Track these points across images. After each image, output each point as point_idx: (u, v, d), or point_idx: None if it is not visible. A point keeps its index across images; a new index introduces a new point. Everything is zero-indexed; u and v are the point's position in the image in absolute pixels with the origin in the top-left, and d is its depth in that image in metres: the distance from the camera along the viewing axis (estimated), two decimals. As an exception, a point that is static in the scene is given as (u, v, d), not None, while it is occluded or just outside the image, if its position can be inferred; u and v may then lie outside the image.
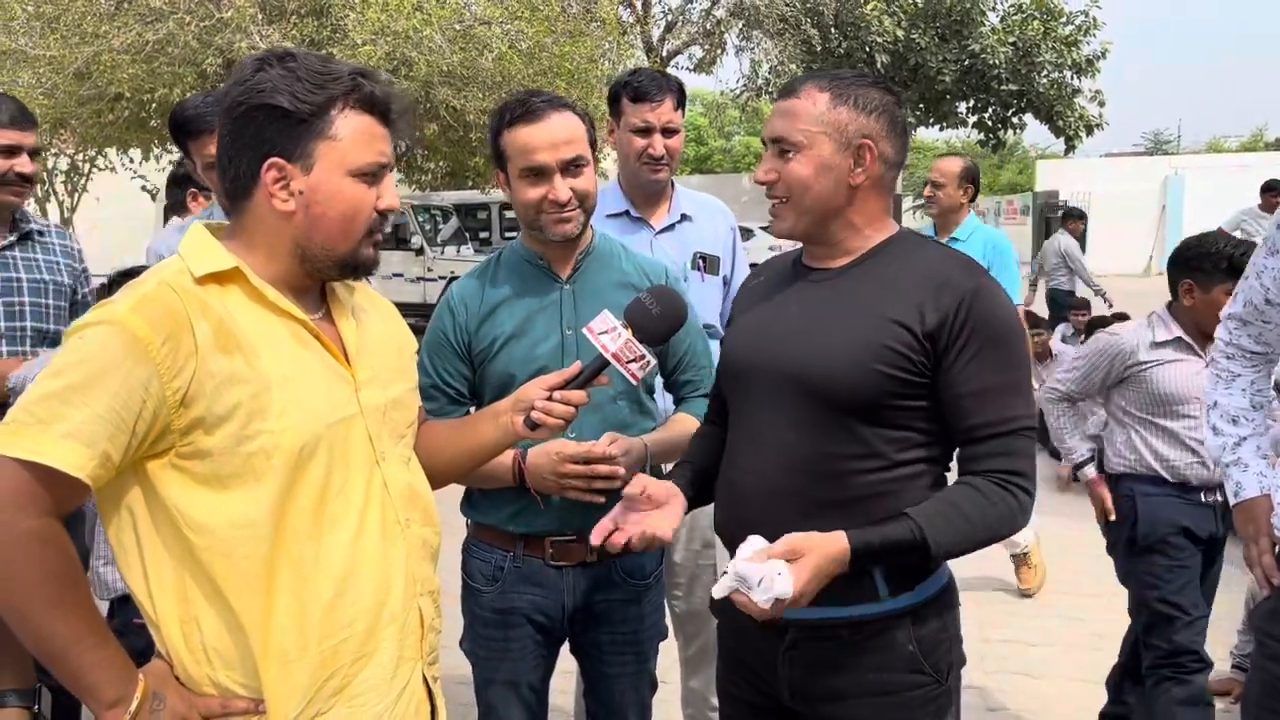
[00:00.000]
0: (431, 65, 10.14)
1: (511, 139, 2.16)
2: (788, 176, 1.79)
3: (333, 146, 1.51)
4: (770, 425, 1.81)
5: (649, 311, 1.86)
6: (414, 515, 1.68)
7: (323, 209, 1.53)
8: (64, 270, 2.95)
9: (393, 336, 1.79)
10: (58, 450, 1.35)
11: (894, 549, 1.67)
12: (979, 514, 1.69)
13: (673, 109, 2.92)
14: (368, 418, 1.61)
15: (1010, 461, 1.72)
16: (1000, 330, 1.74)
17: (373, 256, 1.62)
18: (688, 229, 3.07)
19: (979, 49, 22.79)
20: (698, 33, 22.26)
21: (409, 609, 1.64)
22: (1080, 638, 4.51)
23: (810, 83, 1.80)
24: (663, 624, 2.45)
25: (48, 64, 10.32)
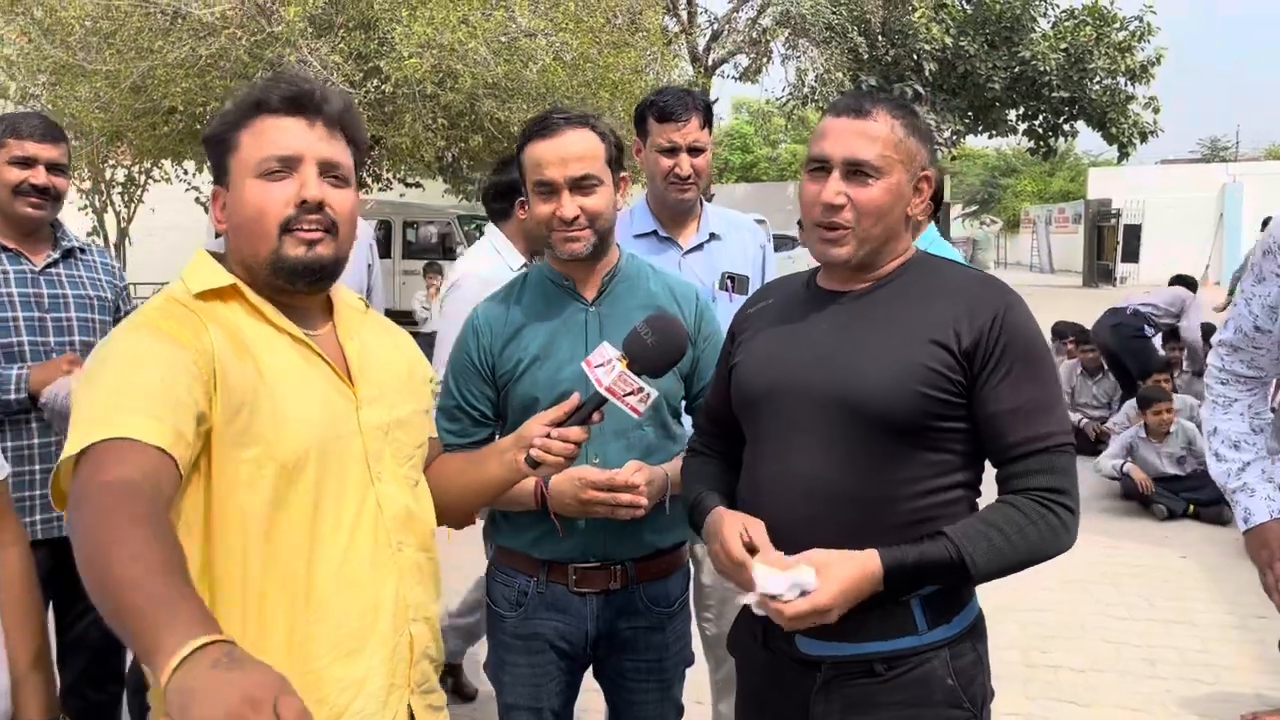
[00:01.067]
0: (476, 77, 10.19)
1: (528, 154, 2.14)
2: (863, 203, 1.73)
3: (238, 158, 1.55)
4: (801, 452, 1.75)
5: (644, 342, 1.81)
6: (408, 539, 1.65)
7: (237, 218, 1.55)
8: (107, 286, 3.00)
9: (402, 358, 1.78)
10: (131, 423, 1.29)
11: (930, 569, 1.63)
12: (1019, 533, 1.64)
13: (699, 128, 2.89)
14: (366, 437, 1.60)
15: (1051, 479, 1.67)
16: (1032, 346, 1.71)
17: (304, 256, 1.54)
18: (716, 248, 3.03)
19: (1029, 55, 22.51)
20: (743, 41, 22.19)
21: (400, 635, 1.62)
22: (1131, 664, 4.38)
23: (881, 107, 1.75)
24: (688, 651, 2.41)
25: (104, 78, 10.54)
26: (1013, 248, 47.39)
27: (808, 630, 1.70)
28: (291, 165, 1.52)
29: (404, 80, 10.05)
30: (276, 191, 1.51)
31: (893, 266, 1.81)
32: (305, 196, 1.51)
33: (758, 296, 2.04)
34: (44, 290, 2.84)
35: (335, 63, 10.00)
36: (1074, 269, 33.26)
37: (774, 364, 1.83)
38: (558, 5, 10.98)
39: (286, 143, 1.52)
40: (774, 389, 1.81)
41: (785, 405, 1.78)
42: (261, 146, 1.52)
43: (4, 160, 2.76)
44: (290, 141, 1.52)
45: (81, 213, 17.86)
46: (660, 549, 2.27)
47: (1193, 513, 6.55)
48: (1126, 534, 6.25)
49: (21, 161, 2.76)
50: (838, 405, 1.71)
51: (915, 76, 22.96)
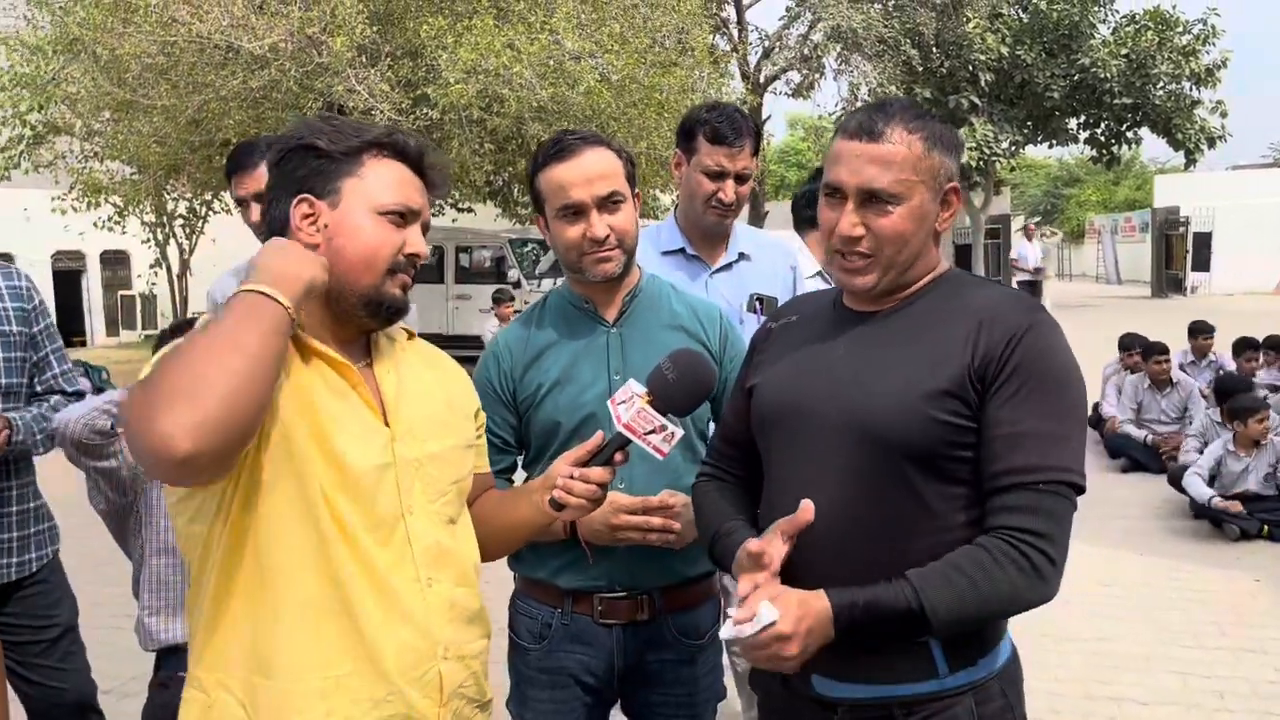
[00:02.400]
0: (522, 101, 10.27)
1: (547, 179, 2.09)
2: (883, 232, 1.63)
3: (360, 183, 1.58)
4: (819, 477, 1.66)
5: (665, 378, 1.75)
6: (440, 575, 1.63)
7: (344, 241, 1.57)
8: (13, 317, 2.82)
9: (444, 390, 1.77)
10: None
11: (884, 613, 1.50)
12: (983, 577, 1.50)
13: (750, 155, 2.81)
14: (399, 470, 1.59)
15: (1028, 519, 1.52)
16: (1051, 372, 1.58)
17: (399, 298, 1.62)
18: (745, 269, 2.96)
19: (1089, 62, 22.19)
20: (795, 58, 22.14)
21: (422, 671, 1.59)
22: (1199, 696, 4.16)
23: (896, 124, 1.62)
24: (720, 685, 2.32)
25: (161, 113, 10.82)
26: (1077, 259, 46.54)
27: (825, 670, 1.61)
28: (408, 219, 1.61)
29: (451, 106, 10.17)
30: (395, 237, 1.59)
31: (922, 284, 1.71)
32: (416, 251, 1.62)
33: (781, 312, 1.96)
34: None
35: (383, 91, 10.15)
36: (1142, 279, 32.58)
37: (793, 387, 1.74)
38: (603, 27, 11.03)
39: (412, 197, 1.62)
40: (792, 413, 1.73)
41: (803, 431, 1.70)
42: (390, 189, 1.60)
43: None
44: (415, 197, 1.62)
45: (145, 245, 18.38)
46: (689, 577, 2.19)
47: (1267, 533, 6.26)
48: (1195, 556, 6.00)
49: None
50: (854, 432, 1.62)
51: (971, 88, 22.72)
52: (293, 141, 1.60)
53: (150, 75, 10.66)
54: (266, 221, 1.62)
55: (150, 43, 10.39)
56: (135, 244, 19.31)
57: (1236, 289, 27.38)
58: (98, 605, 1.32)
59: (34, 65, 12.74)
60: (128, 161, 13.33)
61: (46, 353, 2.91)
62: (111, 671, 3.77)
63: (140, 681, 3.45)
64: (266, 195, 1.63)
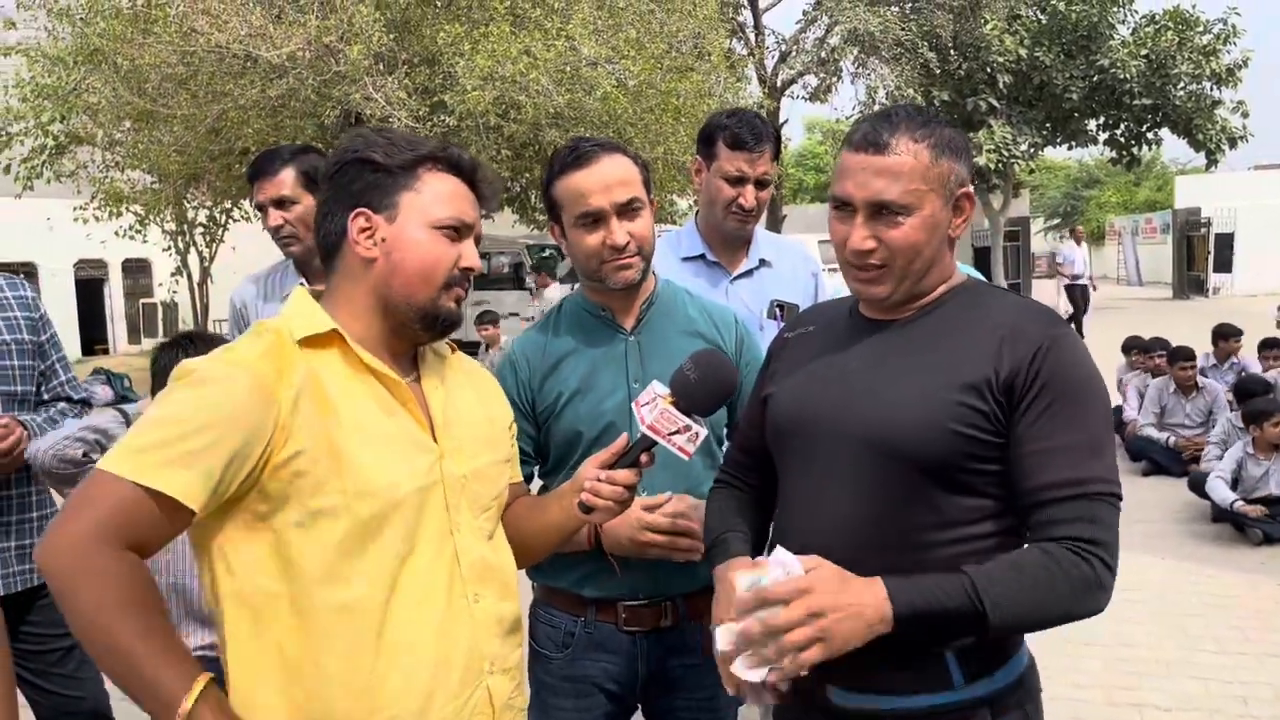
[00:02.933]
0: (539, 108, 10.30)
1: (564, 187, 2.08)
2: (894, 243, 1.62)
3: (417, 198, 1.60)
4: (834, 490, 1.65)
5: (688, 378, 1.75)
6: (486, 591, 1.65)
7: (402, 255, 1.58)
8: (22, 326, 2.86)
9: (485, 406, 1.79)
10: (177, 478, 1.39)
11: (942, 608, 1.46)
12: (1049, 583, 1.48)
13: (770, 160, 2.80)
14: (447, 487, 1.61)
15: (1091, 529, 1.51)
16: (1078, 385, 1.57)
17: (454, 311, 1.64)
18: (766, 275, 2.95)
19: (1108, 63, 22.04)
20: (812, 61, 22.09)
21: (473, 689, 1.60)
22: (1222, 702, 4.12)
23: (902, 134, 1.61)
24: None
25: (181, 122, 10.91)
26: (1097, 261, 46.21)
27: (839, 681, 1.61)
28: (462, 233, 1.62)
29: (468, 113, 10.21)
30: (451, 251, 1.61)
31: (937, 293, 1.70)
32: (471, 265, 1.64)
33: (797, 322, 1.95)
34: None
35: (400, 98, 10.19)
36: (1163, 281, 32.31)
37: (808, 398, 1.74)
38: (619, 32, 11.05)
39: (466, 210, 1.63)
40: (807, 424, 1.72)
41: (817, 442, 1.69)
42: (447, 204, 1.61)
43: None
44: (469, 210, 1.64)
45: (166, 253, 18.52)
46: (712, 583, 2.18)
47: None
48: (1217, 560, 5.94)
49: None
50: (870, 444, 1.61)
51: (989, 90, 22.61)
52: (348, 154, 1.61)
53: (170, 85, 10.75)
54: (322, 234, 1.64)
55: (170, 53, 10.47)
56: (156, 252, 19.44)
57: (1259, 290, 27.11)
58: None
59: (55, 76, 12.86)
60: (148, 170, 13.45)
61: (53, 361, 2.96)
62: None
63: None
64: (318, 213, 1.64)
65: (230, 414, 1.42)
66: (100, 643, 1.37)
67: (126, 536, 1.39)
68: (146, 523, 1.39)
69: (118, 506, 1.38)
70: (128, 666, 1.37)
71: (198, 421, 1.41)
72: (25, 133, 13.76)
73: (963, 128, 20.17)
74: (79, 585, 1.37)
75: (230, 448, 1.41)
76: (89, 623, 1.37)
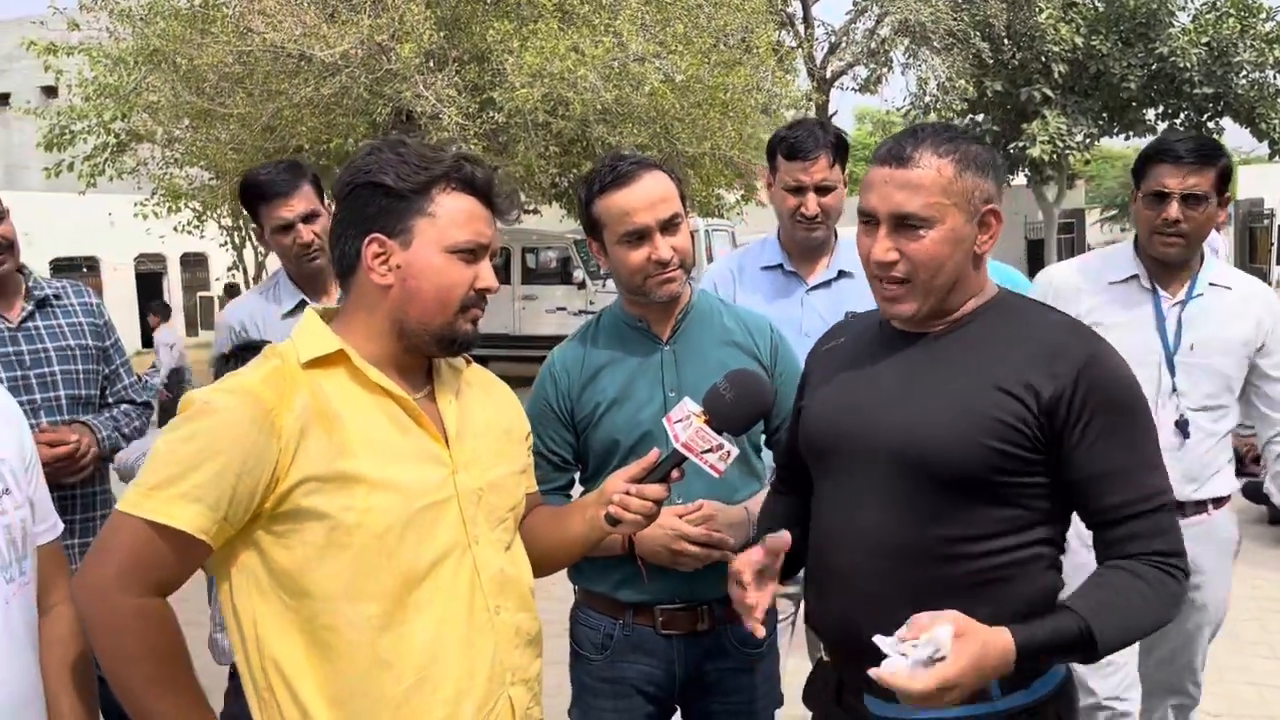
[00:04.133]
0: (587, 104, 10.34)
1: (606, 205, 2.11)
2: (916, 256, 1.63)
3: (431, 223, 1.57)
4: (866, 504, 1.67)
5: (723, 398, 1.76)
6: (506, 602, 1.65)
7: (418, 283, 1.56)
8: (87, 331, 2.93)
9: (500, 417, 1.78)
10: (185, 513, 1.42)
11: (1058, 647, 1.53)
12: (1143, 602, 1.55)
13: (828, 165, 2.80)
14: (462, 500, 1.61)
15: (1166, 541, 1.58)
16: (1122, 399, 1.59)
17: (470, 333, 1.62)
18: (845, 286, 2.92)
19: (1168, 51, 21.59)
20: (861, 52, 21.89)
21: (496, 699, 1.61)
22: (1278, 710, 4.06)
23: (926, 149, 1.63)
24: (778, 692, 2.35)
25: (238, 121, 11.12)
26: (1155, 252, 45.21)
27: (877, 691, 1.61)
28: (478, 255, 1.60)
29: (516, 110, 10.27)
30: (468, 274, 1.59)
31: (970, 308, 1.70)
32: (487, 286, 1.61)
33: (830, 335, 1.97)
34: (24, 347, 2.78)
35: (450, 96, 10.28)
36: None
37: (838, 411, 1.75)
38: (667, 27, 11.04)
39: (483, 231, 1.60)
40: (838, 438, 1.74)
41: (849, 455, 1.71)
42: (462, 227, 1.58)
43: None
44: (485, 230, 1.61)
45: (222, 248, 18.87)
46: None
47: (1351, 541, 6.06)
48: (1272, 564, 5.84)
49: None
50: (900, 457, 1.63)
51: (1043, 79, 22.26)
52: (360, 176, 1.58)
53: (227, 84, 10.96)
54: (337, 255, 1.63)
55: (227, 52, 10.67)
56: (213, 247, 19.83)
57: (1324, 283, 26.40)
58: (184, 599, 1.37)
59: (117, 76, 13.14)
60: (206, 167, 13.71)
61: (117, 366, 3.04)
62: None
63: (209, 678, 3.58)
64: (332, 231, 1.63)
65: (233, 443, 1.43)
66: (121, 689, 1.44)
67: (145, 578, 1.43)
68: (163, 560, 1.44)
69: (134, 547, 1.43)
70: (144, 715, 1.44)
71: (202, 454, 1.43)
72: (88, 131, 14.08)
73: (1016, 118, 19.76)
74: (101, 633, 1.44)
75: (235, 476, 1.43)
76: (110, 669, 1.44)
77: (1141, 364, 2.34)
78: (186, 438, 1.45)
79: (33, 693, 1.54)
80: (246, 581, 1.52)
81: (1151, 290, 2.76)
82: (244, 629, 1.53)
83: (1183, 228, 2.62)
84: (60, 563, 1.69)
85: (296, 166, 2.97)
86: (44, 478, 1.69)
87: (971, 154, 1.64)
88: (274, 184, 2.89)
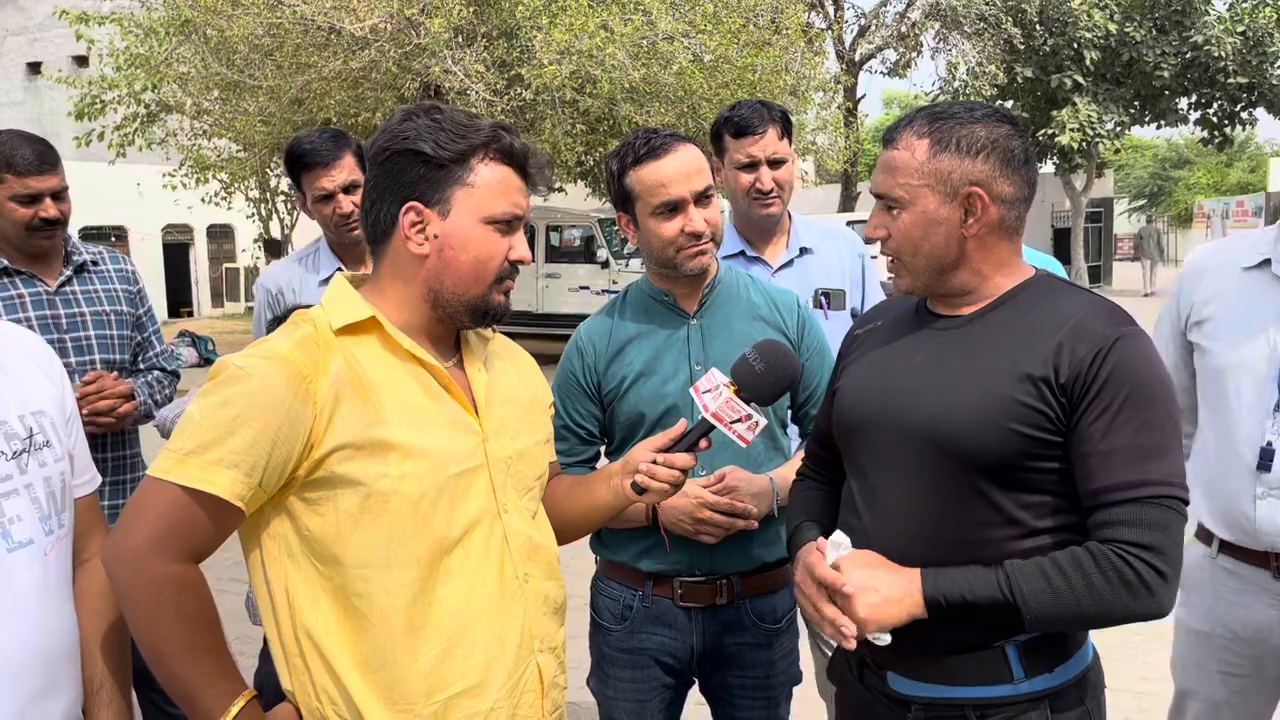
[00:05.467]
0: (615, 82, 10.32)
1: (640, 177, 2.12)
2: (896, 234, 1.67)
3: (470, 193, 1.56)
4: (895, 488, 1.68)
5: (753, 369, 1.77)
6: (534, 570, 1.66)
7: (455, 253, 1.56)
8: (122, 298, 2.97)
9: (526, 388, 1.79)
10: (221, 478, 1.42)
11: (977, 597, 1.53)
12: (1083, 581, 1.50)
13: (777, 138, 2.79)
14: (492, 469, 1.61)
15: (1133, 531, 1.50)
16: (1140, 385, 1.55)
17: (503, 304, 1.63)
18: (809, 263, 2.94)
19: (1202, 40, 21.30)
20: (891, 36, 21.71)
21: (525, 666, 1.62)
22: (1291, 701, 4.04)
23: (908, 130, 1.65)
24: (796, 669, 2.36)
25: (266, 93, 11.17)
26: (1185, 244, 44.78)
27: (900, 669, 1.64)
28: (514, 226, 1.60)
29: (544, 87, 10.26)
30: (503, 245, 1.59)
31: (1003, 288, 1.69)
32: (521, 258, 1.62)
33: (868, 317, 1.97)
34: (60, 311, 2.82)
35: (478, 72, 10.29)
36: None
37: (870, 394, 1.76)
38: (696, 7, 10.99)
39: (519, 202, 1.60)
40: (868, 421, 1.74)
41: (879, 438, 1.71)
42: (500, 198, 1.57)
43: (5, 197, 2.69)
44: (521, 201, 1.61)
45: (249, 220, 18.99)
46: (767, 563, 2.23)
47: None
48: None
49: (26, 199, 2.71)
50: (929, 441, 1.63)
51: (1075, 66, 22.02)
52: (398, 143, 1.55)
53: (257, 56, 11.01)
54: (370, 221, 1.60)
55: (257, 24, 10.71)
56: (240, 219, 19.97)
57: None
58: (205, 568, 1.38)
59: (148, 46, 13.22)
60: (234, 139, 13.79)
61: (149, 333, 3.09)
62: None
63: (243, 642, 3.62)
64: (365, 196, 1.62)
65: (268, 409, 1.43)
66: (151, 653, 1.44)
67: (179, 544, 1.43)
68: (197, 527, 1.43)
69: (168, 513, 1.42)
70: (174, 681, 1.45)
71: (238, 420, 1.42)
72: (118, 101, 14.18)
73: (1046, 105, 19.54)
74: (134, 600, 1.44)
75: (270, 443, 1.43)
76: (142, 636, 1.45)
77: (1247, 369, 2.17)
78: (221, 403, 1.44)
79: (71, 643, 1.56)
80: (278, 548, 1.52)
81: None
82: (274, 596, 1.52)
83: None
84: (97, 515, 1.71)
85: (341, 136, 2.95)
86: (84, 431, 1.71)
87: (958, 134, 1.62)
88: (317, 153, 2.89)
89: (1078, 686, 1.65)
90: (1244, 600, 2.23)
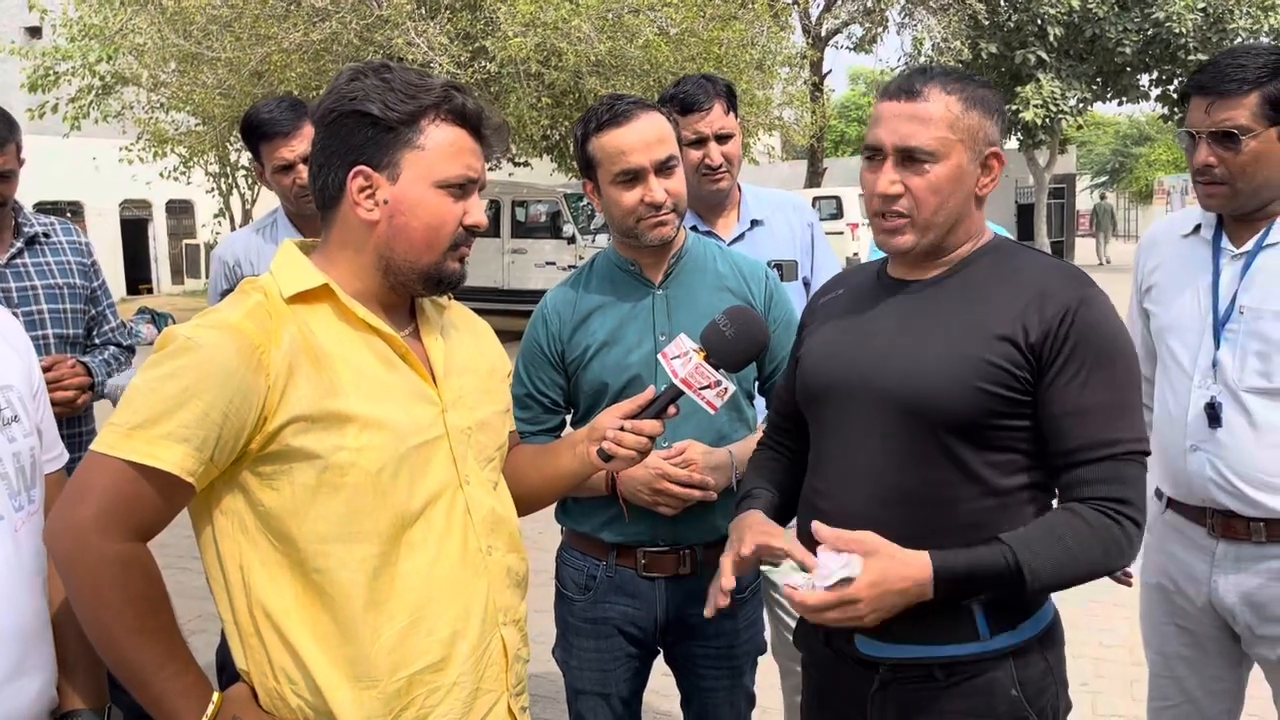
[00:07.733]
0: (580, 55, 10.25)
1: (602, 144, 2.10)
2: (918, 190, 1.64)
3: (420, 157, 1.50)
4: (861, 450, 1.69)
5: (723, 334, 1.76)
6: (497, 542, 1.63)
7: (406, 219, 1.51)
8: (75, 270, 2.91)
9: (484, 357, 1.75)
10: (170, 453, 1.37)
11: (984, 577, 1.55)
12: (1080, 543, 1.55)
13: (724, 113, 2.79)
14: (453, 439, 1.58)
15: (1118, 488, 1.57)
16: (1107, 345, 1.60)
17: (458, 271, 1.58)
18: (760, 235, 2.94)
19: (1164, 17, 21.49)
20: (857, 11, 21.70)
21: (489, 639, 1.60)
22: (1244, 665, 4.13)
23: (935, 84, 1.64)
24: (760, 639, 2.38)
25: (225, 65, 10.99)
26: (1145, 220, 45.32)
27: (867, 631, 1.65)
28: (467, 189, 1.54)
29: (509, 60, 10.17)
30: (456, 210, 1.53)
31: (965, 252, 1.72)
32: (476, 223, 1.56)
33: (828, 287, 1.97)
34: (10, 284, 2.76)
35: (442, 44, 10.17)
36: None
37: (835, 359, 1.77)
38: (662, -21, 10.93)
39: (473, 165, 1.54)
40: (834, 385, 1.75)
41: (846, 402, 1.72)
42: (452, 160, 1.52)
43: None
44: (475, 164, 1.55)
45: (209, 195, 18.71)
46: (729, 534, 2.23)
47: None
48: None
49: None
50: (896, 402, 1.64)
51: (1039, 42, 22.13)
52: (344, 104, 1.49)
53: (215, 27, 10.82)
54: (319, 186, 1.55)
55: (214, -6, 10.54)
56: (199, 194, 19.66)
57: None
58: (164, 546, 1.34)
59: (102, 16, 12.97)
60: (193, 112, 13.56)
61: (104, 307, 3.03)
62: (177, 609, 3.92)
63: (205, 620, 3.60)
64: (312, 160, 1.55)
65: (219, 381, 1.38)
66: (99, 638, 1.39)
67: (125, 522, 1.38)
68: (146, 503, 1.38)
69: (113, 489, 1.37)
70: (122, 664, 1.40)
71: (187, 392, 1.37)
72: (72, 72, 13.89)
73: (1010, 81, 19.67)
74: (79, 580, 1.38)
75: (221, 416, 1.38)
76: (88, 618, 1.39)
77: (1180, 328, 2.25)
78: (169, 375, 1.39)
79: (43, 621, 1.53)
80: (231, 524, 1.47)
81: (1212, 242, 2.26)
82: (228, 574, 1.48)
83: (1216, 172, 2.15)
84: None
85: (299, 105, 2.89)
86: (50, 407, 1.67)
87: (978, 95, 1.66)
88: (276, 123, 2.84)
89: (1040, 642, 1.69)
90: (1188, 557, 2.30)
